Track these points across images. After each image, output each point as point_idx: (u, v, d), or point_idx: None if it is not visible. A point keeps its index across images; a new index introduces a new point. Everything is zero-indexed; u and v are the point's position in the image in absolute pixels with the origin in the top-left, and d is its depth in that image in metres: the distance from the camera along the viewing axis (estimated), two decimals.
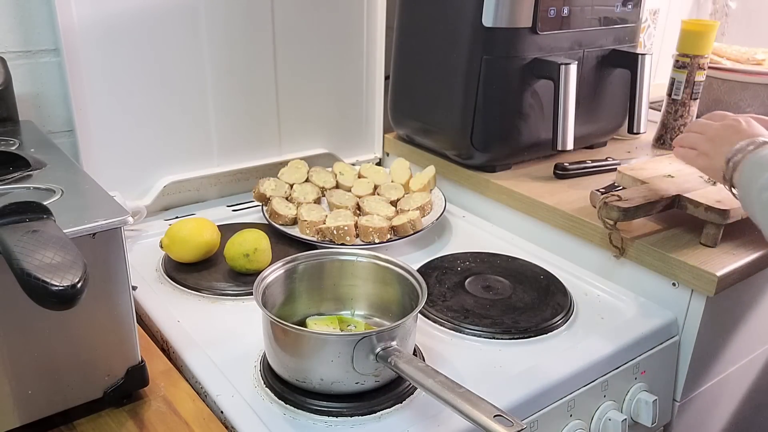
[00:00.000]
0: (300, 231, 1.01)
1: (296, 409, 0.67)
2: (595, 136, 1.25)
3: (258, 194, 1.08)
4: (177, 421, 0.66)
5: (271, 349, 0.70)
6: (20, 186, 0.66)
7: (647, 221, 0.96)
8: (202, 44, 1.05)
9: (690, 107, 1.26)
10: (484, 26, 1.02)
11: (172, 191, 1.10)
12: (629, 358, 0.83)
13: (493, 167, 1.14)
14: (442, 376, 0.62)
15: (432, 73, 1.13)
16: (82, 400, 0.64)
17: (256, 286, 0.71)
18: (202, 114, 1.09)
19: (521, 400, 0.71)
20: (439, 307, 0.85)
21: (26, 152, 0.74)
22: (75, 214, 0.59)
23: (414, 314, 0.68)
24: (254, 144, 1.17)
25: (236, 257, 0.90)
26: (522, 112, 1.09)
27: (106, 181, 0.74)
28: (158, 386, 0.70)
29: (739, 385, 1.08)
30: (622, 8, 1.15)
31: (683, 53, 1.23)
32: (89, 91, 0.97)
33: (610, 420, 0.80)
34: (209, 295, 0.87)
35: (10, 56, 0.91)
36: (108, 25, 0.95)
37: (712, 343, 0.94)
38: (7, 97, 0.87)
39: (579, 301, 0.90)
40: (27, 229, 0.51)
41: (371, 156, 1.33)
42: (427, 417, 0.67)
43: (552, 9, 1.04)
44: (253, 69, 1.12)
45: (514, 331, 0.81)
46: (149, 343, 0.78)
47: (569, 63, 1.03)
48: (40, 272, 0.46)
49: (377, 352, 0.65)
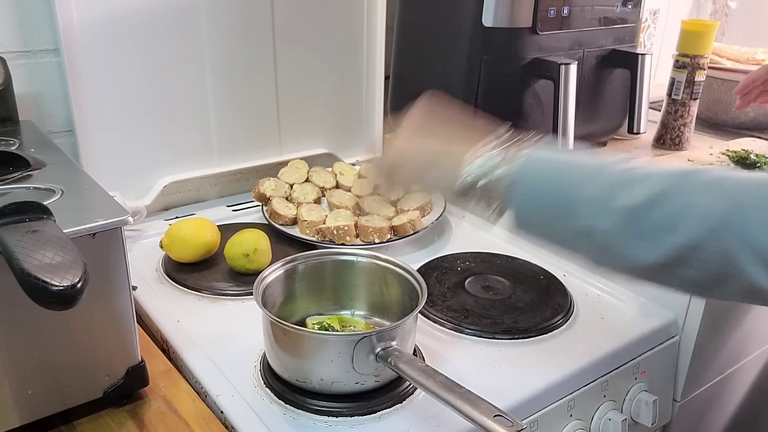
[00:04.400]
0: (300, 231, 1.01)
1: (296, 409, 0.67)
2: (595, 136, 1.25)
3: (258, 194, 1.08)
4: (177, 421, 0.66)
5: (271, 349, 0.70)
6: (20, 186, 0.66)
7: None
8: (202, 44, 1.05)
9: (690, 107, 1.26)
10: (484, 26, 1.02)
11: (172, 191, 1.10)
12: (629, 358, 0.83)
13: None
14: (442, 376, 0.62)
15: (432, 73, 1.13)
16: (82, 400, 0.64)
17: (256, 286, 0.71)
18: (202, 114, 1.09)
19: (521, 400, 0.71)
20: (439, 307, 0.85)
21: (26, 152, 0.74)
22: (75, 214, 0.59)
23: (414, 314, 0.68)
24: (254, 144, 1.17)
25: (236, 257, 0.90)
26: (522, 112, 1.09)
27: (106, 181, 0.73)
28: (158, 386, 0.70)
29: (739, 385, 1.08)
30: (622, 8, 1.15)
31: (683, 53, 1.24)
32: (89, 91, 0.96)
33: (610, 420, 0.80)
34: (209, 295, 0.87)
35: (10, 56, 0.91)
36: (108, 25, 0.95)
37: (712, 343, 0.93)
38: (7, 97, 0.87)
39: (579, 301, 0.90)
40: (27, 229, 0.51)
41: (371, 156, 1.33)
42: (427, 417, 0.67)
43: (552, 9, 1.04)
44: (253, 69, 1.12)
45: (514, 331, 0.81)
46: (149, 343, 0.78)
47: (569, 63, 1.03)
48: (40, 272, 0.46)
49: (377, 352, 0.65)
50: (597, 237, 0.53)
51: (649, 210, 0.51)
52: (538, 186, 0.56)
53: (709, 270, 0.49)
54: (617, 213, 0.52)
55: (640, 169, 0.54)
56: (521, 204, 0.57)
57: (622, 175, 0.53)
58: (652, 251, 0.51)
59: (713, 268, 0.49)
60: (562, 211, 0.54)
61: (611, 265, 0.54)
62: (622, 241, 0.52)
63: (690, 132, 1.29)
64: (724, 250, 0.48)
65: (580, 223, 0.53)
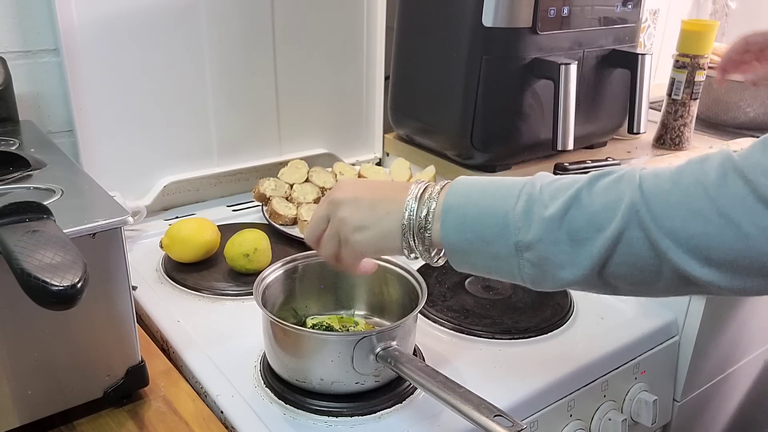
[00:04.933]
0: (300, 231, 1.01)
1: (296, 409, 0.67)
2: (595, 136, 1.25)
3: (258, 194, 1.08)
4: (177, 421, 0.66)
5: (271, 349, 0.70)
6: (20, 186, 0.66)
7: None
8: (202, 44, 1.05)
9: (690, 107, 1.26)
10: (484, 26, 1.02)
11: (172, 191, 1.10)
12: (629, 358, 0.83)
13: (493, 167, 1.14)
14: (442, 376, 0.62)
15: (432, 73, 1.13)
16: (82, 400, 0.64)
17: (256, 286, 0.71)
18: (202, 114, 1.09)
19: (521, 400, 0.71)
20: (439, 307, 0.85)
21: (26, 152, 0.74)
22: (75, 214, 0.59)
23: (414, 314, 0.68)
24: (254, 144, 1.17)
25: (236, 257, 0.90)
26: (522, 112, 1.09)
27: (106, 181, 0.74)
28: (158, 386, 0.70)
29: (739, 385, 1.08)
30: (622, 8, 1.15)
31: (683, 53, 1.23)
32: (89, 91, 0.96)
33: (610, 420, 0.80)
34: (209, 295, 0.87)
35: (10, 56, 0.91)
36: (108, 25, 0.95)
37: (712, 343, 0.93)
38: (7, 97, 0.87)
39: (579, 301, 0.90)
40: (27, 229, 0.51)
41: (371, 156, 1.33)
42: (427, 417, 0.67)
43: (552, 9, 1.04)
44: (253, 69, 1.12)
45: (514, 331, 0.81)
46: (149, 343, 0.78)
47: (569, 63, 1.03)
48: (40, 272, 0.46)
49: (377, 352, 0.65)
50: (529, 252, 0.52)
51: (571, 214, 0.51)
52: (466, 215, 0.55)
53: (640, 264, 0.49)
54: (542, 222, 0.52)
55: (557, 181, 0.54)
56: (452, 241, 0.56)
57: (544, 187, 0.54)
58: (583, 255, 0.51)
59: (643, 262, 0.49)
60: (491, 234, 0.54)
61: (548, 280, 0.54)
62: (553, 250, 0.52)
63: (690, 132, 1.29)
64: (645, 238, 0.48)
65: (511, 241, 0.53)
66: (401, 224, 0.58)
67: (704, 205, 0.46)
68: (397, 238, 0.59)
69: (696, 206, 0.46)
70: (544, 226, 0.52)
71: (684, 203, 0.47)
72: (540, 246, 0.52)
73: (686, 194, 0.47)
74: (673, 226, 0.47)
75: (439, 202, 0.57)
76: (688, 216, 0.47)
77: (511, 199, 0.54)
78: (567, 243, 0.51)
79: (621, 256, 0.50)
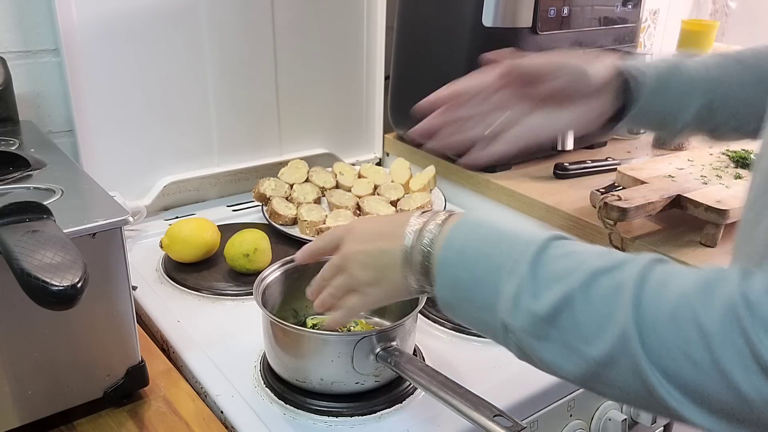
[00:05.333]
0: (300, 231, 1.01)
1: (296, 409, 0.67)
2: (595, 136, 1.25)
3: (258, 194, 1.08)
4: (177, 421, 0.66)
5: (271, 349, 0.70)
6: (20, 186, 0.66)
7: (647, 221, 0.96)
8: (202, 44, 1.05)
9: None
10: (484, 26, 1.02)
11: (172, 191, 1.10)
12: None
13: (493, 167, 1.14)
14: (442, 376, 0.62)
15: (432, 73, 1.13)
16: (82, 400, 0.64)
17: (256, 286, 0.71)
18: (203, 114, 1.09)
19: (521, 400, 0.71)
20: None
21: (26, 152, 0.74)
22: (75, 214, 0.59)
23: (414, 314, 0.68)
24: (254, 144, 1.17)
25: (236, 257, 0.90)
26: None
27: (106, 181, 0.74)
28: (158, 386, 0.70)
29: None
30: (622, 8, 1.15)
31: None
32: (89, 91, 0.96)
33: (610, 420, 0.80)
34: (209, 295, 0.87)
35: (10, 56, 0.91)
36: (108, 25, 0.95)
37: None
38: (7, 97, 0.87)
39: None
40: (27, 229, 0.51)
41: (371, 156, 1.33)
42: (427, 417, 0.67)
43: (552, 9, 1.04)
44: (253, 69, 1.12)
45: None
46: (149, 343, 0.78)
47: None
48: (40, 272, 0.46)
49: (377, 352, 0.65)
50: (514, 335, 0.49)
51: (561, 318, 0.46)
52: (458, 278, 0.52)
53: (628, 389, 0.44)
54: (529, 315, 0.48)
55: (556, 261, 0.49)
56: (445, 295, 0.54)
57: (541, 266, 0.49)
58: (566, 361, 0.47)
59: (631, 388, 0.44)
60: (482, 303, 0.51)
61: (533, 364, 0.51)
62: (538, 346, 0.48)
63: None
64: (633, 368, 0.42)
65: (497, 317, 0.50)
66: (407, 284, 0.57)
67: (702, 355, 0.40)
68: (406, 292, 0.58)
69: (693, 354, 0.40)
70: (530, 320, 0.48)
71: (681, 347, 0.41)
72: (525, 338, 0.49)
73: (684, 339, 0.41)
74: (667, 366, 0.41)
75: (435, 252, 0.53)
76: (683, 361, 0.41)
77: (503, 272, 0.50)
78: (556, 343, 0.47)
79: (608, 377, 0.45)
